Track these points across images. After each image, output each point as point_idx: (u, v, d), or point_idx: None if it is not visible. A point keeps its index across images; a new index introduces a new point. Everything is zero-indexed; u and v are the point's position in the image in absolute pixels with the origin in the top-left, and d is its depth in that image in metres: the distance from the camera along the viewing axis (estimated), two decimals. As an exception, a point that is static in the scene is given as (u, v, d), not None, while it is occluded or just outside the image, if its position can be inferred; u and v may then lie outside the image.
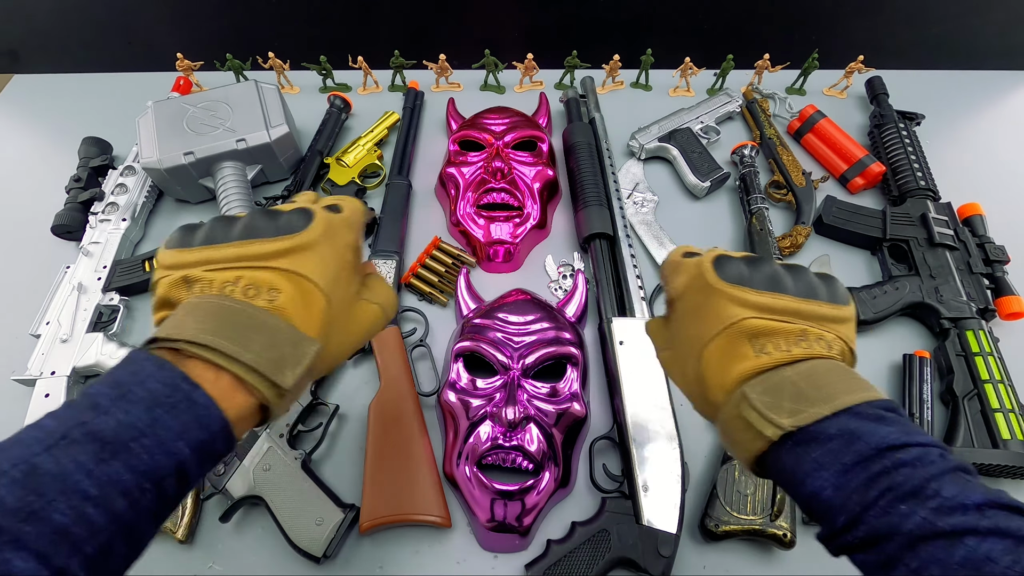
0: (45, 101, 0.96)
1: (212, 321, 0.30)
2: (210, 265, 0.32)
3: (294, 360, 0.31)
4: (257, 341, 0.30)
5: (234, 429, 0.29)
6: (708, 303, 0.34)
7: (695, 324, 0.35)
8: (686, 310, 0.36)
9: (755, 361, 0.31)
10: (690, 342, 0.35)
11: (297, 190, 0.77)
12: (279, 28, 1.07)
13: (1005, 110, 0.94)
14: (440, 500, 0.55)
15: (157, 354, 0.29)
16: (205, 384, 0.28)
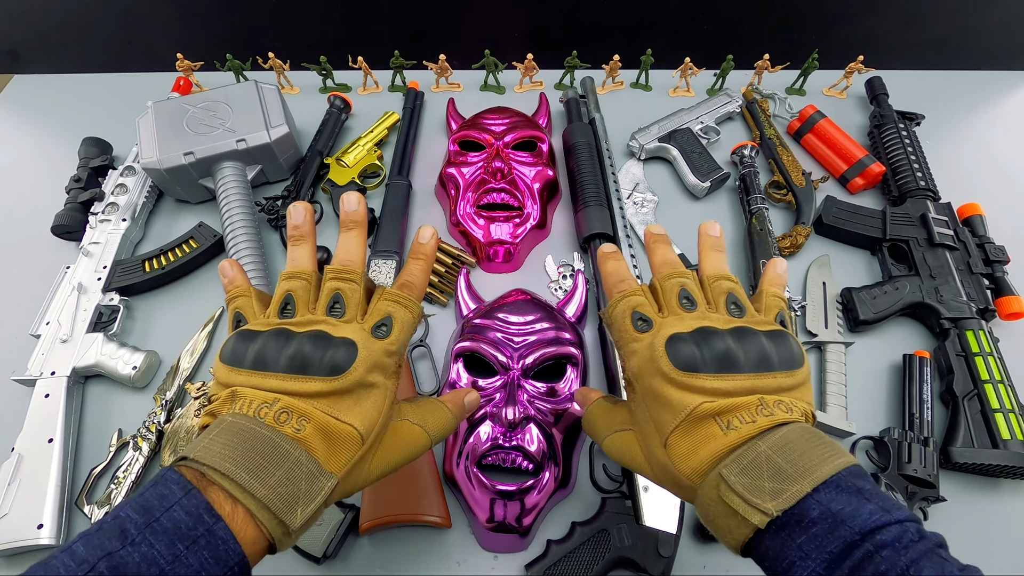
0: (45, 101, 0.96)
1: (238, 448, 0.30)
2: (255, 386, 0.33)
3: (307, 497, 0.31)
4: (275, 474, 0.30)
5: (249, 561, 0.29)
6: (665, 391, 0.34)
7: (656, 408, 0.35)
8: (645, 393, 0.36)
9: (724, 439, 0.31)
10: (653, 426, 0.35)
11: (297, 190, 0.77)
12: (279, 28, 1.08)
13: (1005, 110, 0.94)
14: (440, 500, 0.55)
15: (186, 475, 0.29)
16: (225, 515, 0.28)
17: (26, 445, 0.58)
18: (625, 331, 0.37)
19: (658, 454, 0.35)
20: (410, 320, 0.38)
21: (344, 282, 0.37)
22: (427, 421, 0.40)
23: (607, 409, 0.42)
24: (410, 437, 0.39)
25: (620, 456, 0.39)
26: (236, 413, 0.32)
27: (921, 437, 0.58)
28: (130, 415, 0.63)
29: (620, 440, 0.39)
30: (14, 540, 0.53)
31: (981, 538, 0.56)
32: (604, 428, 0.41)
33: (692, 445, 0.32)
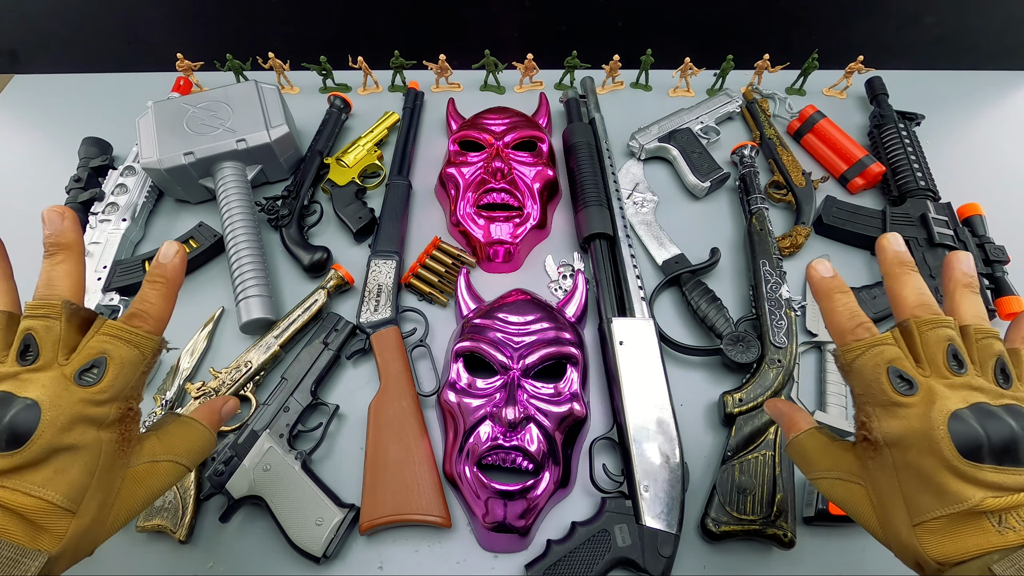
0: (45, 101, 0.96)
1: None
2: None
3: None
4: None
5: None
6: (940, 477, 0.30)
7: (917, 488, 0.31)
8: (905, 467, 0.32)
9: (999, 539, 0.28)
10: (903, 500, 0.32)
11: (297, 190, 0.77)
12: (279, 28, 1.08)
13: (1005, 110, 0.94)
14: (440, 500, 0.55)
15: None
16: None
17: (26, 445, 0.58)
18: (882, 391, 0.33)
19: (902, 530, 0.32)
20: (132, 359, 0.33)
21: (37, 319, 0.32)
22: (176, 449, 0.38)
23: (827, 446, 0.38)
24: (155, 477, 0.36)
25: (842, 503, 0.36)
26: None
27: (921, 437, 0.58)
28: (130, 415, 0.63)
29: (845, 490, 0.36)
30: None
31: (981, 538, 0.56)
32: (823, 469, 0.37)
33: (954, 535, 0.30)
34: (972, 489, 0.29)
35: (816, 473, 0.38)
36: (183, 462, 0.38)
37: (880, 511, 0.34)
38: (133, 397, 0.34)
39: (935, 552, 0.30)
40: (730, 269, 0.74)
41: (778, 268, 0.68)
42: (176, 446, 0.38)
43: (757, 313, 0.66)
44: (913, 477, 0.31)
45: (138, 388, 0.34)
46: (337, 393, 0.65)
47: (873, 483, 0.34)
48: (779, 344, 0.62)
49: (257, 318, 0.65)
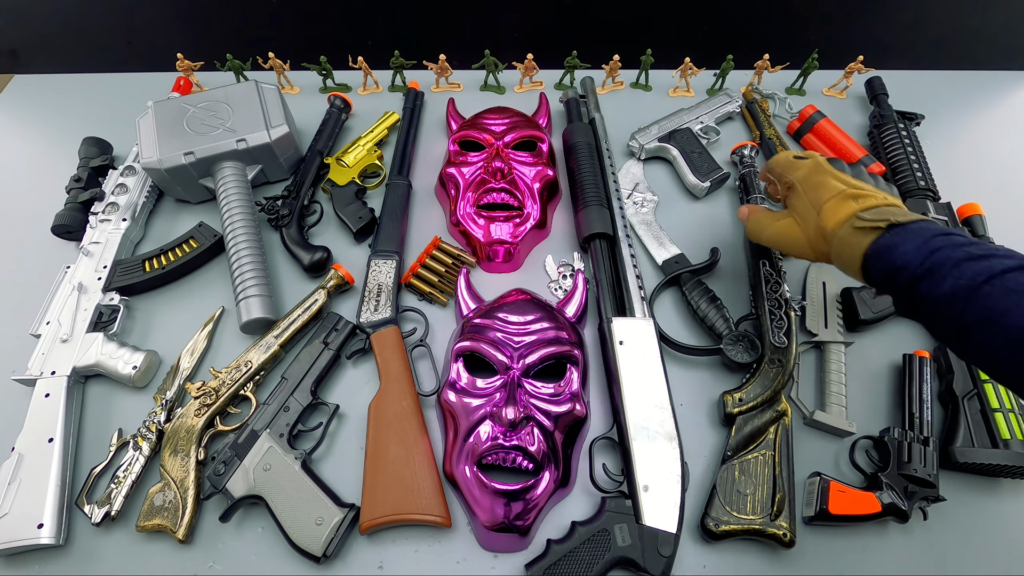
0: (45, 101, 0.96)
1: None
2: None
3: None
4: None
5: None
6: (825, 181, 0.54)
7: (815, 193, 0.54)
8: (807, 187, 0.55)
9: (858, 204, 0.50)
10: (813, 203, 0.54)
11: (297, 190, 0.77)
12: (279, 28, 1.08)
13: (1005, 110, 0.94)
14: (440, 500, 0.55)
15: None
16: None
17: (26, 445, 0.58)
18: (790, 161, 0.59)
19: (812, 220, 0.53)
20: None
21: None
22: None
23: (768, 213, 0.62)
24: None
25: (782, 235, 0.58)
26: None
27: (921, 437, 0.58)
28: (130, 415, 0.63)
29: (783, 225, 0.58)
30: (14, 540, 0.53)
31: (981, 538, 0.56)
32: (768, 221, 0.60)
33: (837, 208, 0.51)
34: (841, 184, 0.53)
35: (765, 227, 0.60)
36: None
37: (803, 224, 0.55)
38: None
39: (831, 222, 0.51)
40: (730, 269, 0.74)
41: (778, 268, 0.68)
42: None
43: (757, 313, 0.66)
44: (814, 189, 0.55)
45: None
46: (337, 393, 0.65)
47: (795, 210, 0.57)
48: (779, 344, 0.62)
49: (257, 318, 0.65)
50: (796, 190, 0.57)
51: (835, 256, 0.51)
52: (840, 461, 0.60)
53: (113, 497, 0.56)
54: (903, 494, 0.55)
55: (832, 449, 0.61)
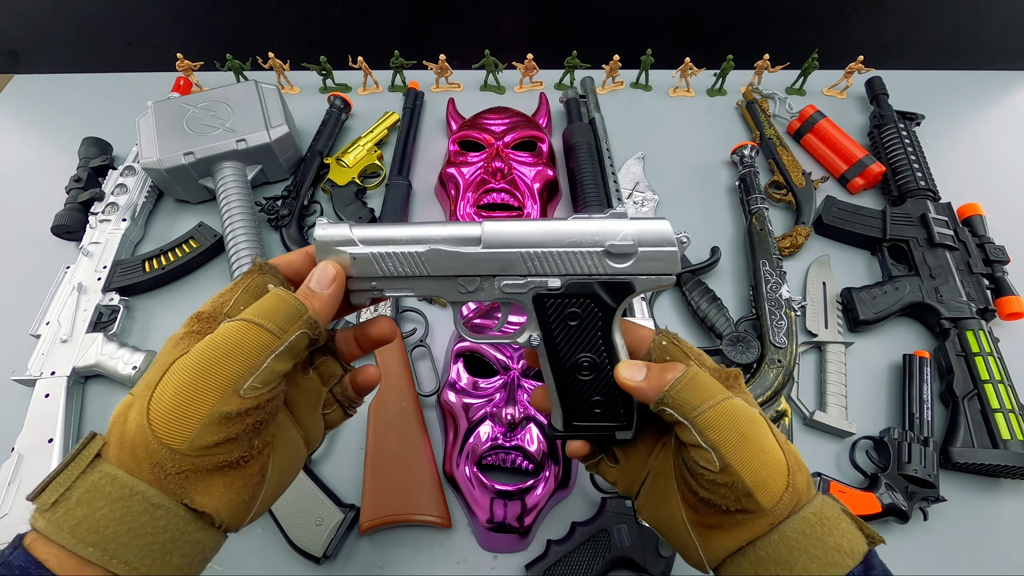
0: (45, 101, 0.96)
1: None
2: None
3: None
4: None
5: None
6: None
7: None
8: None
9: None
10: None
11: (297, 190, 0.77)
12: (279, 28, 1.08)
13: (1005, 110, 0.94)
14: (440, 500, 0.55)
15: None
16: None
17: (26, 445, 0.58)
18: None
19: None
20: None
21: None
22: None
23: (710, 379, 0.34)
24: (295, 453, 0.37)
25: (748, 423, 0.31)
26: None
27: (921, 437, 0.58)
28: (130, 415, 0.63)
29: (746, 409, 0.32)
30: (14, 540, 0.53)
31: (981, 538, 0.56)
32: (719, 389, 0.32)
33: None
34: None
35: (719, 396, 0.32)
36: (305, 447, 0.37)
37: (776, 434, 0.34)
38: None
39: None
40: (730, 269, 0.74)
41: (778, 268, 0.68)
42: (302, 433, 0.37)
43: (757, 313, 0.66)
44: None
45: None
46: (337, 393, 0.65)
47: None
48: (779, 344, 0.62)
49: (257, 318, 0.65)
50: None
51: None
52: (840, 461, 0.60)
53: (113, 497, 0.56)
54: (903, 494, 0.55)
55: (832, 449, 0.61)
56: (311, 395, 0.36)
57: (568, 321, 0.36)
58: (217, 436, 0.28)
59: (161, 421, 0.28)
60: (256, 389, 0.29)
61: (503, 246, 0.35)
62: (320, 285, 0.33)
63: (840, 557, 0.30)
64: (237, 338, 0.29)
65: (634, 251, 0.35)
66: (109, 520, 0.26)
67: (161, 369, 0.29)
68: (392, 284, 0.36)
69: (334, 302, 0.34)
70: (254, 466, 0.30)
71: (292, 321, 0.31)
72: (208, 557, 0.31)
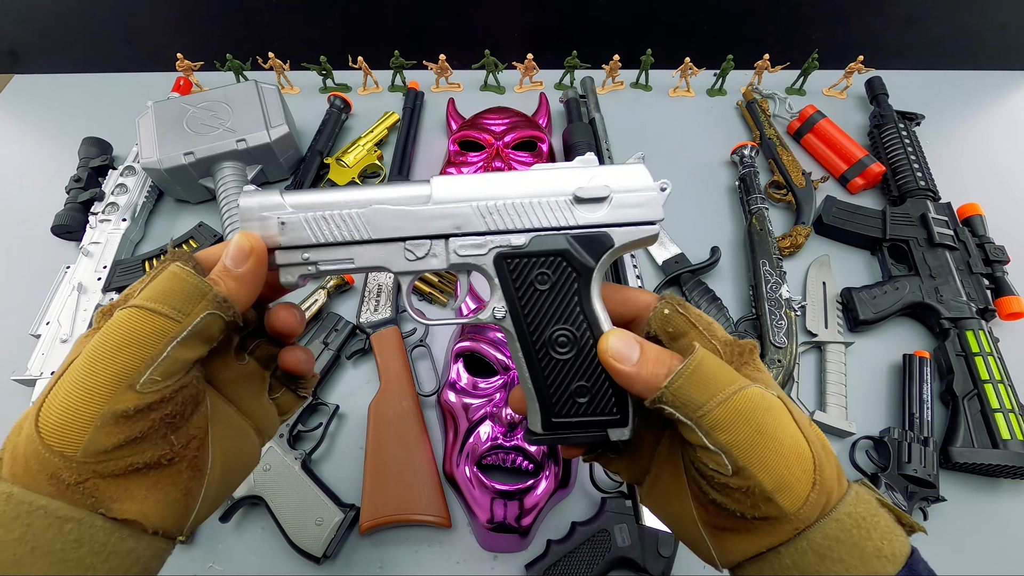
0: (45, 101, 0.96)
1: None
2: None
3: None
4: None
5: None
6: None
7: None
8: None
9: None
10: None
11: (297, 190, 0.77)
12: (279, 28, 1.07)
13: (1005, 110, 0.94)
14: (440, 500, 0.55)
15: None
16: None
17: (26, 445, 0.58)
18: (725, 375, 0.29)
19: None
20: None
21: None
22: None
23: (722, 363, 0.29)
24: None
25: (769, 416, 0.27)
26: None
27: (921, 437, 0.58)
28: (130, 415, 0.63)
29: (767, 398, 0.28)
30: (14, 540, 0.53)
31: (981, 538, 0.56)
32: (731, 378, 0.28)
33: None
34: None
35: (732, 386, 0.27)
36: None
37: (800, 422, 0.29)
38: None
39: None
40: (730, 269, 0.74)
41: (778, 268, 0.68)
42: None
43: (757, 313, 0.66)
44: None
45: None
46: (337, 393, 0.65)
47: (772, 390, 0.30)
48: (779, 344, 0.62)
49: (257, 318, 0.65)
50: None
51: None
52: (840, 461, 0.60)
53: (113, 497, 0.56)
54: (903, 494, 0.55)
55: (832, 449, 0.61)
56: (252, 381, 0.33)
57: (537, 285, 0.31)
58: (115, 438, 0.25)
59: (50, 427, 0.25)
60: (156, 382, 0.25)
61: (456, 201, 0.31)
62: (235, 261, 0.29)
63: (880, 564, 0.25)
64: (128, 327, 0.26)
65: (607, 195, 0.30)
66: (6, 543, 0.23)
67: (58, 373, 0.27)
68: (328, 254, 0.31)
69: (253, 280, 0.30)
70: (180, 463, 0.27)
71: (194, 302, 0.27)
72: (152, 567, 0.28)
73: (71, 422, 0.25)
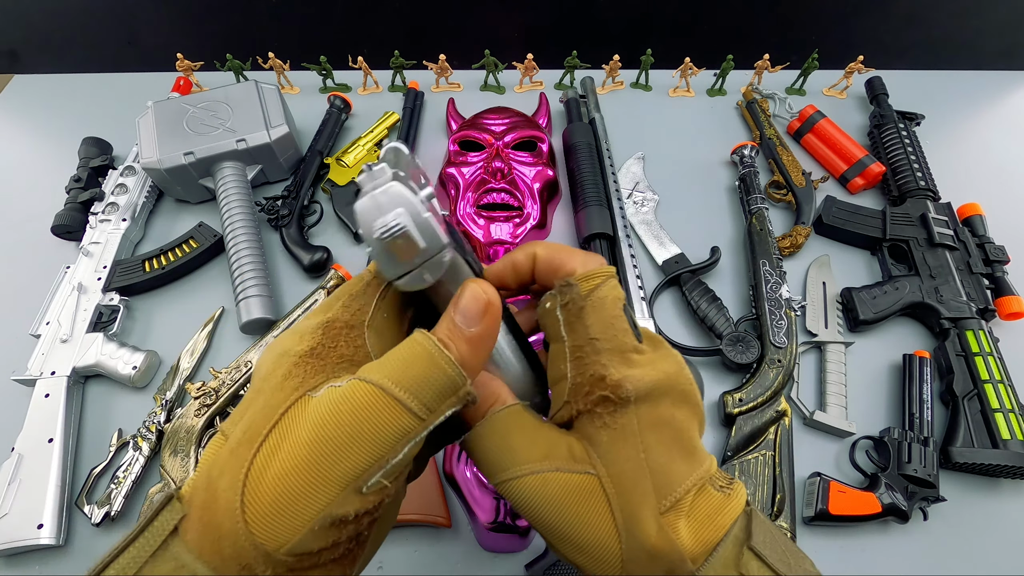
0: (45, 101, 0.96)
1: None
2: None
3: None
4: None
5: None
6: (688, 429, 0.27)
7: (661, 452, 0.26)
8: (648, 424, 0.26)
9: (729, 502, 0.27)
10: (648, 479, 0.26)
11: (297, 190, 0.77)
12: (279, 28, 1.08)
13: (1005, 110, 0.94)
14: (440, 500, 0.55)
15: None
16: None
17: (26, 445, 0.58)
18: (624, 331, 0.26)
19: (651, 527, 0.24)
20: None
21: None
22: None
23: (537, 428, 0.26)
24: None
25: (560, 509, 0.24)
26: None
27: (921, 437, 0.58)
28: (130, 415, 0.63)
29: (566, 487, 0.24)
30: (14, 540, 0.53)
31: (981, 538, 0.56)
32: (534, 460, 0.25)
33: (701, 511, 0.25)
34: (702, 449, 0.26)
35: (520, 468, 0.25)
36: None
37: (621, 504, 0.24)
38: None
39: (692, 543, 0.24)
40: (730, 269, 0.74)
41: (778, 268, 0.68)
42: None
43: (757, 313, 0.66)
44: (665, 440, 0.25)
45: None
46: (337, 393, 0.65)
47: (609, 465, 0.25)
48: (779, 344, 0.62)
49: (257, 318, 0.65)
50: (628, 415, 0.25)
51: None
52: (840, 461, 0.60)
53: (113, 497, 0.56)
54: (903, 494, 0.55)
55: (832, 449, 0.61)
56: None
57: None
58: (324, 543, 0.21)
59: (258, 515, 0.21)
60: (382, 484, 0.22)
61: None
62: (468, 319, 0.24)
63: None
64: (369, 416, 0.21)
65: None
66: None
67: (268, 418, 0.22)
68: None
69: (487, 342, 0.25)
70: (356, 552, 0.24)
71: (444, 398, 0.23)
72: None
73: (286, 519, 0.21)
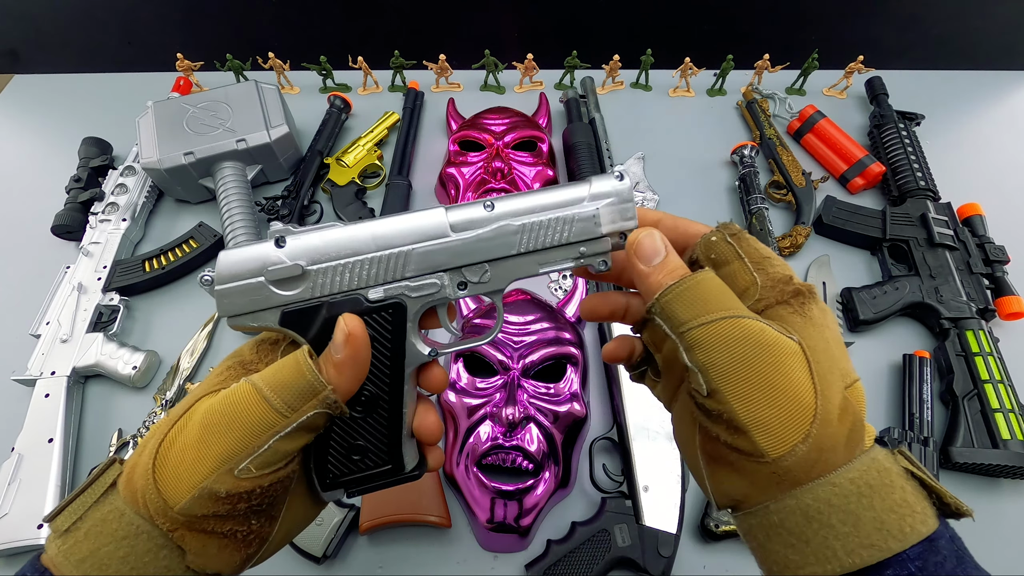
0: (45, 101, 0.96)
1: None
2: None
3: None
4: None
5: None
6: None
7: (837, 345, 0.30)
8: (826, 322, 0.30)
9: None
10: (835, 360, 0.30)
11: (297, 190, 0.77)
12: (279, 28, 1.08)
13: (1005, 110, 0.94)
14: (440, 500, 0.55)
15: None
16: None
17: (26, 445, 0.58)
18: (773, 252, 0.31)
19: (836, 395, 0.26)
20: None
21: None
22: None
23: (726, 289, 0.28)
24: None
25: (773, 361, 0.26)
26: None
27: (921, 437, 0.58)
28: (130, 415, 0.63)
29: (783, 342, 0.26)
30: (14, 540, 0.53)
31: (981, 538, 0.56)
32: (741, 306, 0.27)
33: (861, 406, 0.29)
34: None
35: (740, 310, 0.27)
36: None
37: (819, 371, 0.26)
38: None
39: (857, 405, 0.28)
40: (730, 269, 0.73)
41: (778, 268, 0.68)
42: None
43: (757, 313, 0.66)
44: (836, 338, 0.29)
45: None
46: (337, 393, 0.65)
47: (805, 340, 0.27)
48: (779, 344, 0.62)
49: (257, 318, 0.65)
50: (812, 309, 0.29)
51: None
52: (840, 461, 0.60)
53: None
54: (903, 494, 0.55)
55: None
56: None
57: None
58: (206, 510, 0.26)
59: (162, 478, 0.26)
60: (251, 472, 0.26)
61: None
62: (335, 346, 0.28)
63: (880, 537, 0.23)
64: (241, 408, 0.26)
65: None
66: (112, 559, 0.26)
67: (185, 406, 0.28)
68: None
69: (352, 366, 0.28)
70: (251, 537, 0.28)
71: (305, 399, 0.27)
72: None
73: (179, 482, 0.26)
